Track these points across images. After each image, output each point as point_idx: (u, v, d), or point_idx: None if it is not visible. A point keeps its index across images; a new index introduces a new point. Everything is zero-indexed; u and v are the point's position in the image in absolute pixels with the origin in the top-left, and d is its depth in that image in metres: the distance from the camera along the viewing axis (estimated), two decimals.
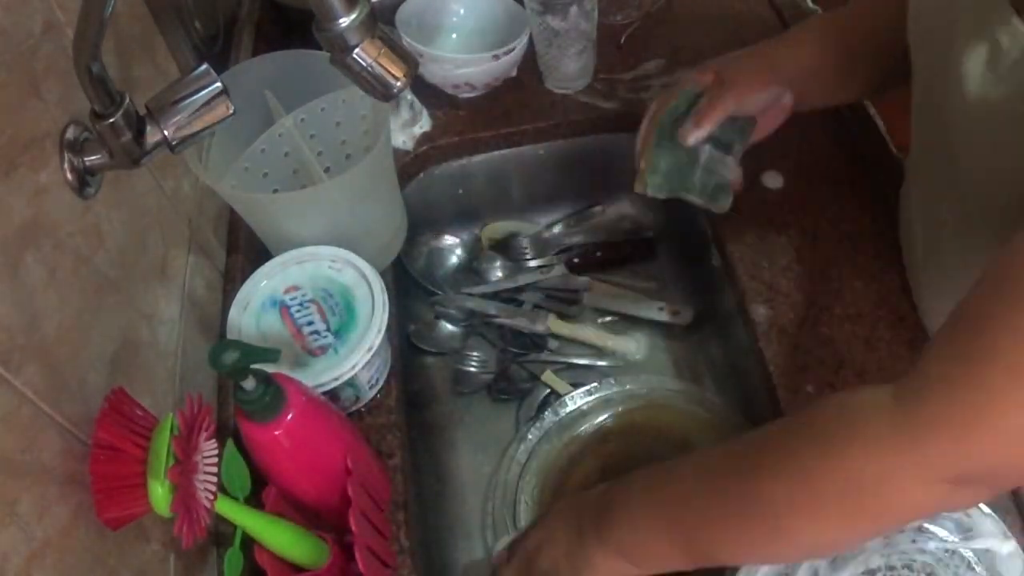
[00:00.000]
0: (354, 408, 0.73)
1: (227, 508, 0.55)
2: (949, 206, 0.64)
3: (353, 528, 0.57)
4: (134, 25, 0.70)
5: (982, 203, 0.58)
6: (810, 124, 0.88)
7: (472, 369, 0.91)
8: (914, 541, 0.58)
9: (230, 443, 0.58)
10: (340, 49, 0.48)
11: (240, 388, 0.54)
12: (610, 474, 0.81)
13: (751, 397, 0.80)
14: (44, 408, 0.47)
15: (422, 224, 0.97)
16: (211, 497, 0.53)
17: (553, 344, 0.92)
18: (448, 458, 0.88)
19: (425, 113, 0.94)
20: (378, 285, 0.70)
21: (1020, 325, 0.41)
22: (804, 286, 0.77)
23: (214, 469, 0.53)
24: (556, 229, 1.01)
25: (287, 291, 0.71)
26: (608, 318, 0.95)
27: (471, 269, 0.99)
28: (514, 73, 0.95)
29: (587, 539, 0.59)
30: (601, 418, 0.83)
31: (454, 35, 0.98)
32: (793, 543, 0.50)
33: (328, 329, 0.68)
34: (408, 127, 0.93)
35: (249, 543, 0.56)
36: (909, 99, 0.73)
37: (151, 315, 0.64)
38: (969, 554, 0.57)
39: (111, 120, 0.52)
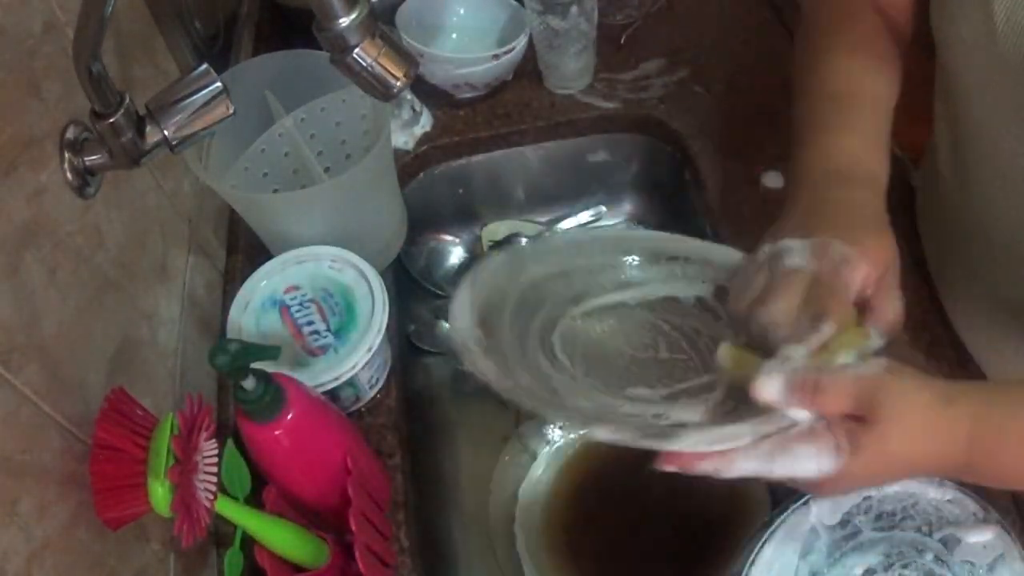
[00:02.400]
0: (354, 408, 0.73)
1: (227, 508, 0.55)
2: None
3: (353, 528, 0.57)
4: (134, 25, 0.70)
5: None
6: None
7: None
8: (915, 544, 0.58)
9: (230, 443, 0.58)
10: (340, 49, 0.48)
11: (240, 388, 0.54)
12: (611, 474, 0.81)
13: None
14: (44, 408, 0.47)
15: (422, 224, 0.97)
16: (211, 497, 0.53)
17: None
18: (448, 458, 0.88)
19: (426, 112, 0.94)
20: (378, 285, 0.70)
21: None
22: None
23: (214, 469, 0.53)
24: (556, 229, 1.01)
25: (287, 291, 0.71)
26: None
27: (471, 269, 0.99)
28: (514, 73, 0.95)
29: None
30: None
31: (454, 35, 0.98)
32: None
33: (328, 329, 0.68)
34: (408, 127, 0.93)
35: (249, 543, 0.56)
36: (910, 99, 0.73)
37: (151, 315, 0.64)
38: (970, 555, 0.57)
39: (111, 120, 0.52)
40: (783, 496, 0.60)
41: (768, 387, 0.47)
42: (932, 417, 0.47)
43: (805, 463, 0.47)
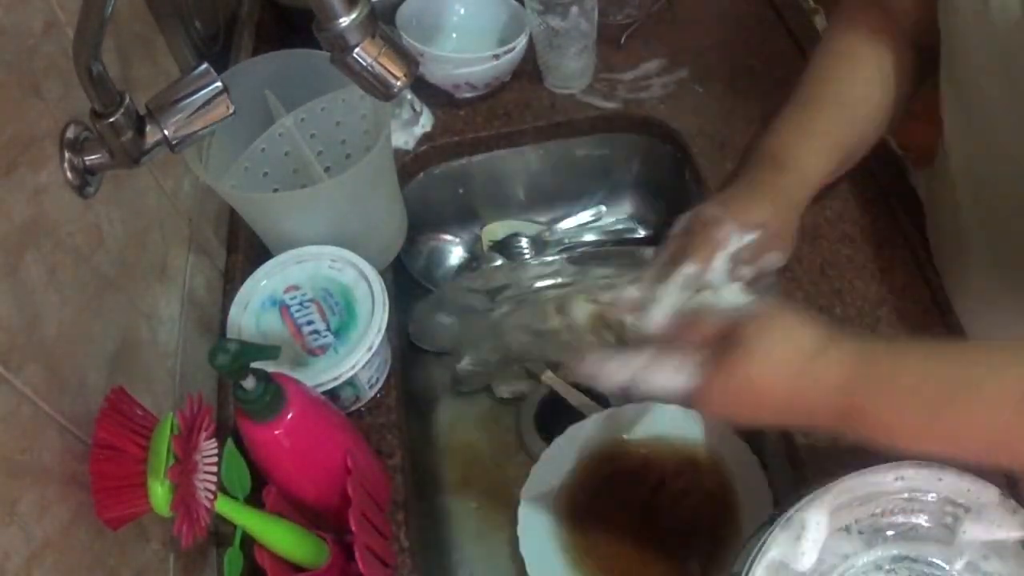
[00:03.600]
0: (354, 408, 0.73)
1: (227, 508, 0.55)
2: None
3: (353, 528, 0.57)
4: (134, 25, 0.70)
5: None
6: None
7: (472, 369, 0.91)
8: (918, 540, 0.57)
9: (230, 443, 0.58)
10: (340, 49, 0.48)
11: (240, 387, 0.54)
12: (613, 474, 0.81)
13: None
14: (44, 408, 0.47)
15: (422, 224, 0.97)
16: (211, 497, 0.53)
17: None
18: (448, 458, 0.88)
19: (426, 112, 0.94)
20: (378, 285, 0.70)
21: None
22: (804, 286, 0.77)
23: (214, 469, 0.53)
24: (556, 229, 1.01)
25: (287, 291, 0.71)
26: None
27: (471, 269, 0.99)
28: (513, 74, 0.95)
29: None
30: (599, 420, 0.83)
31: (454, 35, 0.98)
32: None
33: (328, 329, 0.68)
34: (408, 127, 0.93)
35: (249, 543, 0.56)
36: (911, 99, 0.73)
37: (151, 315, 0.64)
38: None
39: (111, 120, 0.52)
40: (783, 495, 0.60)
41: (657, 316, 0.56)
42: (800, 355, 0.50)
43: (672, 375, 0.52)
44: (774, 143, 0.70)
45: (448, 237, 1.02)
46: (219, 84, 0.54)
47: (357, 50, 0.48)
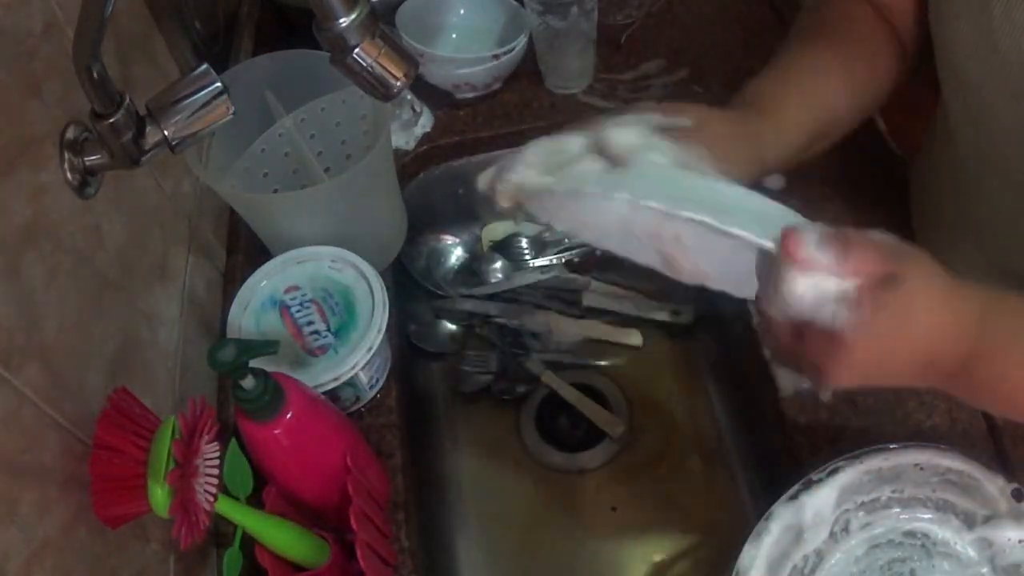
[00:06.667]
0: (354, 408, 0.73)
1: (227, 508, 0.55)
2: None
3: (354, 525, 0.57)
4: (134, 25, 0.70)
5: None
6: None
7: (472, 369, 0.91)
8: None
9: (234, 443, 0.58)
10: (340, 49, 0.48)
11: (239, 387, 0.54)
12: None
13: (751, 397, 0.80)
14: (44, 408, 0.47)
15: (422, 224, 0.97)
16: (211, 500, 0.53)
17: (554, 344, 0.92)
18: (448, 458, 0.88)
19: (426, 112, 0.94)
20: (378, 285, 0.70)
21: None
22: None
23: (215, 472, 0.53)
24: (556, 229, 1.01)
25: (287, 291, 0.71)
26: (608, 318, 0.95)
27: (471, 269, 0.99)
28: (513, 73, 0.95)
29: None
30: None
31: (454, 35, 0.98)
32: None
33: (328, 329, 0.68)
34: (408, 127, 0.93)
35: (249, 543, 0.56)
36: (910, 99, 0.73)
37: (151, 315, 0.64)
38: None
39: (111, 120, 0.52)
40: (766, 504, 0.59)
41: (803, 242, 0.42)
42: (951, 285, 0.45)
43: (826, 305, 0.43)
44: (754, 93, 0.67)
45: (448, 237, 1.02)
46: (219, 85, 0.54)
47: (357, 51, 0.48)
